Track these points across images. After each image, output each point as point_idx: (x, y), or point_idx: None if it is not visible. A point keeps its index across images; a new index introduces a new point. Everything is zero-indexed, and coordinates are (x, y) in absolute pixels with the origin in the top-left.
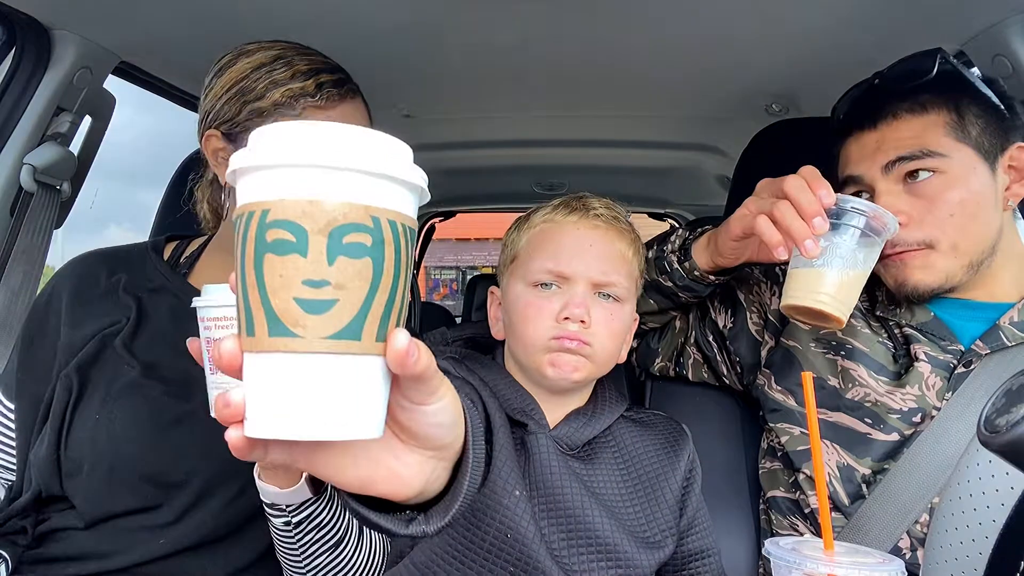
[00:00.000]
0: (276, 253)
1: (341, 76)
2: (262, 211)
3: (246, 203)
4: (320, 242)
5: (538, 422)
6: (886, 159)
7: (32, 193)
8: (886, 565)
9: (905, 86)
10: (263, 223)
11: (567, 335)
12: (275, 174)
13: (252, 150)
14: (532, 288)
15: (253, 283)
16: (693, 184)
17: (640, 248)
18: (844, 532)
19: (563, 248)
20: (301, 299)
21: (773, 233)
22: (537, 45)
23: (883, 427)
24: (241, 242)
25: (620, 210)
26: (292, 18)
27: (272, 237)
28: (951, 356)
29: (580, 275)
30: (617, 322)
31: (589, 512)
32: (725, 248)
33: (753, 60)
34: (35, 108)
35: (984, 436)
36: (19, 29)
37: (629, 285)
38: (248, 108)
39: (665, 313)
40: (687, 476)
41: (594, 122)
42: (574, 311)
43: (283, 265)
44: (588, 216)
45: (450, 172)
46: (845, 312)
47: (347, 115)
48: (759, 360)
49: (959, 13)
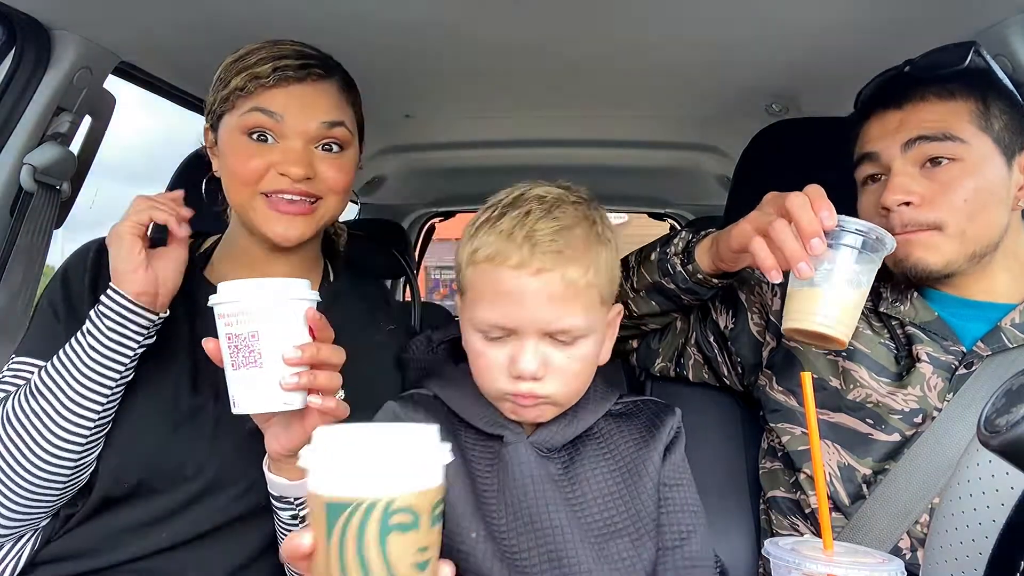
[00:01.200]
0: (400, 532)
1: (308, 61)
2: (387, 501)
3: (359, 495)
4: (426, 520)
5: (513, 431)
6: (907, 137)
7: (32, 193)
8: (886, 565)
9: (935, 73)
10: (387, 510)
11: (520, 394)
12: (392, 471)
13: (364, 454)
14: (481, 336)
15: (376, 556)
16: (693, 184)
17: (603, 257)
18: (844, 532)
19: (506, 298)
20: (417, 563)
21: (767, 256)
22: (537, 45)
23: (884, 427)
24: (359, 525)
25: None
26: (292, 18)
27: (395, 521)
28: (952, 357)
29: (526, 327)
30: (578, 363)
31: (560, 534)
32: (726, 255)
33: (753, 60)
34: (35, 108)
35: (984, 436)
36: (19, 29)
37: (587, 320)
38: (219, 96)
39: (667, 315)
40: (667, 446)
41: (594, 122)
42: (523, 370)
43: (404, 540)
44: (534, 255)
45: (450, 172)
46: (848, 334)
47: (304, 93)
48: (760, 361)
49: (959, 13)
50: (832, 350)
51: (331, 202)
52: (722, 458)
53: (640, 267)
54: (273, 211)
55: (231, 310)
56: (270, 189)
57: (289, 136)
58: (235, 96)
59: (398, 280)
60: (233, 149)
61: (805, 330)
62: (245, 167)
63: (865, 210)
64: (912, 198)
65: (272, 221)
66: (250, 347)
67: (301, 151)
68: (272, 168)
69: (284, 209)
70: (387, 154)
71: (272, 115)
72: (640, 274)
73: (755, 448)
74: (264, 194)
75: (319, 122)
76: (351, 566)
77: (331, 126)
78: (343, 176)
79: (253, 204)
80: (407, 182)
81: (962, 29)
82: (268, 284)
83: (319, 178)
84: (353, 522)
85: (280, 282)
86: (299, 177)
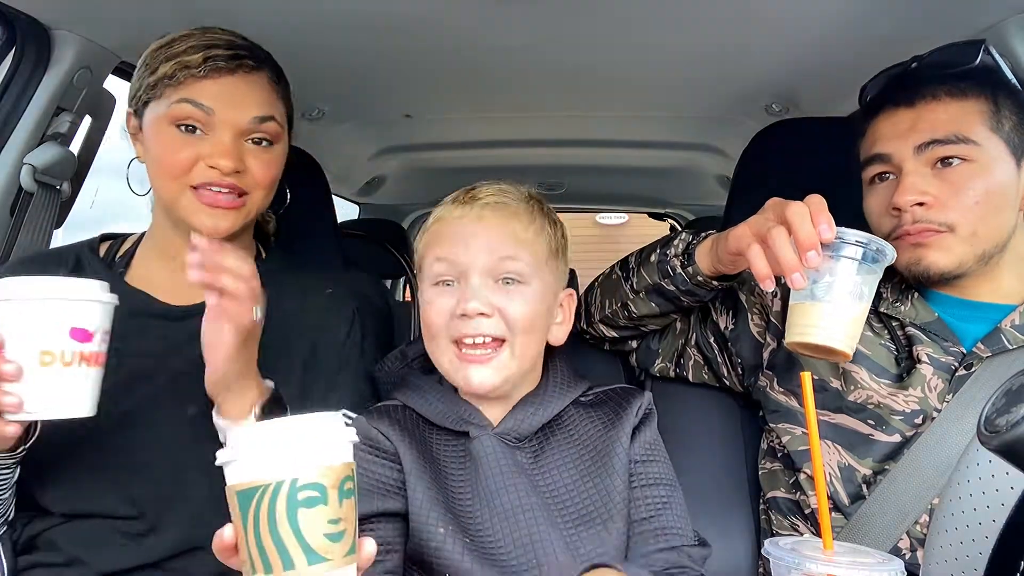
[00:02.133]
0: (307, 507)
1: (239, 52)
2: (291, 480)
3: (265, 478)
4: (334, 494)
5: (478, 424)
6: (920, 140)
7: (32, 193)
8: (885, 565)
9: (946, 71)
10: (293, 487)
11: (469, 334)
12: (293, 454)
13: (266, 442)
14: (433, 287)
15: (288, 531)
16: (693, 184)
17: (547, 227)
18: (844, 532)
19: (452, 242)
20: (329, 534)
21: (763, 266)
22: (537, 45)
23: (885, 428)
24: (269, 504)
25: (514, 193)
26: (292, 18)
27: (302, 496)
28: (953, 358)
29: (471, 266)
30: (524, 303)
31: (533, 522)
32: (724, 258)
33: (753, 60)
34: (35, 108)
35: (984, 436)
36: (19, 29)
37: (530, 266)
38: (144, 83)
39: (666, 316)
40: (636, 426)
41: (594, 122)
42: (468, 306)
43: (313, 513)
44: (474, 207)
45: (450, 172)
46: (852, 346)
47: (235, 86)
48: (760, 362)
49: (959, 13)
50: (835, 360)
51: (258, 196)
52: (722, 458)
53: (640, 268)
54: (202, 203)
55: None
56: (199, 182)
57: (219, 128)
58: (163, 84)
59: (398, 280)
60: (160, 140)
61: (809, 343)
62: (173, 158)
63: (873, 209)
64: (925, 199)
65: (201, 214)
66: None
67: (231, 144)
68: (201, 160)
69: (213, 201)
70: (387, 154)
71: (202, 107)
72: (640, 275)
73: (755, 449)
74: (193, 187)
75: (250, 117)
76: (267, 543)
77: (261, 121)
78: (271, 171)
79: (181, 197)
80: (407, 182)
81: (962, 29)
82: (22, 281)
83: (248, 172)
84: (264, 503)
85: (35, 280)
86: (228, 170)
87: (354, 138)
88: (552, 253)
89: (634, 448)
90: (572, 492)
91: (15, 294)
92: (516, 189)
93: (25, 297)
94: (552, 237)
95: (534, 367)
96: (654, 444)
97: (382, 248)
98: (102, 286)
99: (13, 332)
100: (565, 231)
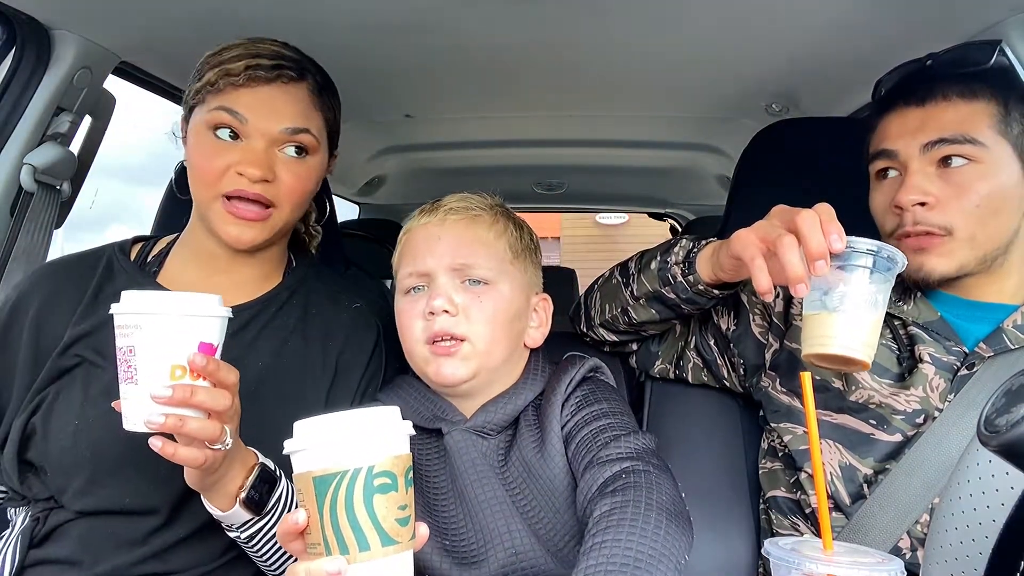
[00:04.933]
0: (381, 493)
1: (281, 63)
2: (368, 467)
3: (344, 465)
4: (402, 482)
5: (451, 420)
6: (927, 139)
7: (32, 193)
8: (885, 565)
9: (959, 71)
10: (370, 474)
11: (435, 333)
12: (369, 443)
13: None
14: (404, 295)
15: (364, 515)
16: (693, 184)
17: (511, 230)
18: (845, 532)
19: (418, 249)
20: (399, 518)
21: (764, 280)
22: (537, 45)
23: (887, 428)
24: (347, 490)
25: (477, 200)
26: (292, 18)
27: (377, 483)
28: (955, 358)
29: (436, 268)
30: (489, 303)
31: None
32: (726, 263)
33: (753, 60)
34: (35, 108)
35: (984, 436)
36: (19, 29)
37: (494, 265)
38: (192, 88)
39: (666, 322)
40: (570, 392)
41: (594, 122)
42: (434, 303)
43: (386, 499)
44: (439, 213)
45: (450, 172)
46: (870, 355)
47: (272, 96)
48: (763, 362)
49: (959, 13)
50: (853, 371)
51: (286, 210)
52: (722, 458)
53: (640, 275)
54: (229, 214)
55: (120, 320)
56: (229, 190)
57: (252, 137)
58: (206, 91)
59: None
60: (198, 144)
61: (827, 355)
62: (207, 165)
63: (878, 205)
64: (927, 199)
65: (227, 223)
66: (128, 362)
67: (262, 153)
68: (231, 168)
69: (239, 213)
70: (387, 154)
71: (236, 115)
72: (640, 282)
73: (755, 448)
74: (226, 196)
75: (282, 127)
76: (344, 527)
77: (294, 132)
78: (301, 184)
79: (213, 205)
80: (407, 182)
81: (962, 30)
82: (153, 296)
83: (278, 182)
84: (342, 489)
85: (169, 296)
86: (256, 178)
87: (354, 138)
88: (516, 254)
89: (563, 413)
90: (523, 487)
91: (145, 308)
92: (480, 197)
93: (157, 312)
94: (516, 238)
95: (509, 366)
96: (588, 394)
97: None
98: (219, 300)
99: (146, 347)
100: (533, 235)
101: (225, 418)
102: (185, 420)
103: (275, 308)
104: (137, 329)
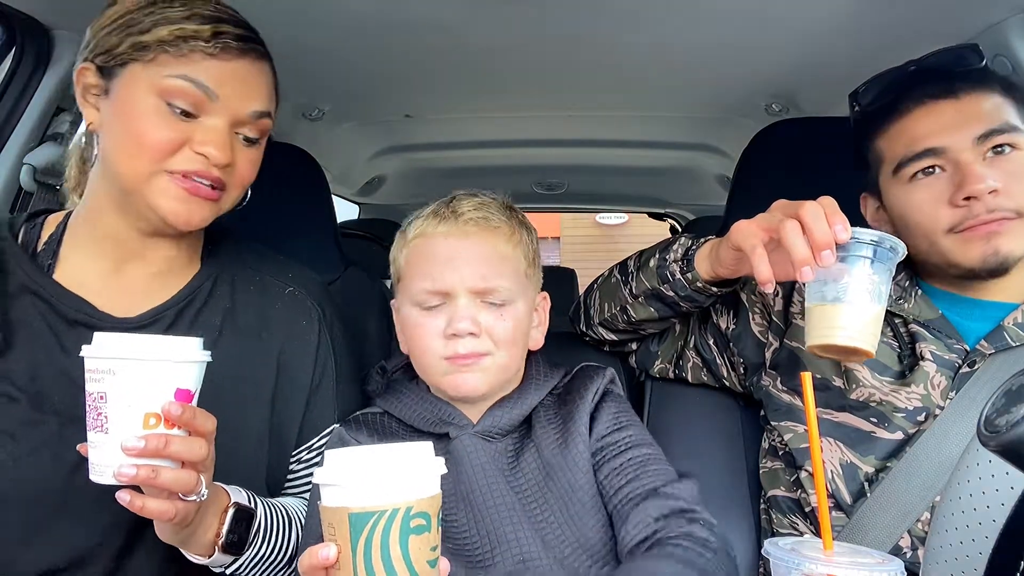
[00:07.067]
0: (416, 534)
1: (248, 34)
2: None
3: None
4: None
5: (458, 424)
6: (980, 131)
7: (32, 193)
8: (885, 565)
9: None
10: (408, 515)
11: (458, 355)
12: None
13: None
14: (418, 308)
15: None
16: (693, 184)
17: (525, 237)
18: (845, 531)
19: (437, 263)
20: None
21: (765, 269)
22: (537, 45)
23: (888, 426)
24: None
25: (494, 206)
26: (292, 17)
27: (414, 524)
28: (956, 355)
29: (458, 287)
30: (511, 321)
31: (508, 521)
32: (726, 258)
33: (753, 60)
34: (35, 108)
35: (984, 436)
36: (19, 29)
37: (514, 284)
38: (130, 40)
39: (665, 320)
40: (596, 405)
41: (594, 122)
42: (458, 326)
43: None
44: (458, 223)
45: (450, 172)
46: (874, 344)
47: (245, 73)
48: (763, 361)
49: (959, 13)
50: (857, 361)
51: (234, 194)
52: (722, 458)
53: (639, 273)
54: (182, 189)
55: (91, 364)
56: (180, 169)
57: (216, 115)
58: (158, 49)
59: None
60: (141, 112)
61: (831, 345)
62: (155, 136)
63: (924, 204)
64: (997, 185)
65: (176, 200)
66: (98, 409)
67: (225, 134)
68: (187, 146)
69: (194, 190)
70: (387, 154)
71: (206, 90)
72: (639, 280)
73: (755, 448)
74: (169, 171)
75: (251, 109)
76: (377, 567)
77: (259, 116)
78: (251, 171)
79: (154, 180)
80: (407, 182)
81: (962, 30)
82: (128, 340)
83: (233, 167)
84: (379, 528)
85: (146, 340)
86: (221, 163)
87: (354, 138)
88: (530, 263)
89: (597, 428)
90: (537, 491)
91: (120, 353)
92: (494, 200)
93: (133, 357)
94: (528, 247)
95: (517, 371)
96: (619, 414)
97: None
98: (199, 343)
99: (119, 394)
100: (536, 234)
101: (201, 468)
102: (158, 471)
103: (200, 303)
104: (109, 374)
